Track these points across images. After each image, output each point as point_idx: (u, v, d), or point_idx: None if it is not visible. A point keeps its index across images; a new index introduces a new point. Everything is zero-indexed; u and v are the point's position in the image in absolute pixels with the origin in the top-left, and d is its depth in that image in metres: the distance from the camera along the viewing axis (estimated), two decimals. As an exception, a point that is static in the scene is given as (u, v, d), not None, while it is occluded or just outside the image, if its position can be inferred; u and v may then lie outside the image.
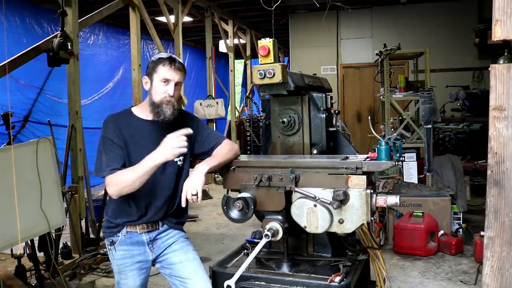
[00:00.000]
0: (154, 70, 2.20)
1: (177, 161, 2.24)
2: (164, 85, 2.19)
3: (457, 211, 5.05)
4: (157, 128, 2.24)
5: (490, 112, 1.38)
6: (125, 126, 2.24)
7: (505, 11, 1.31)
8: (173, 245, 2.30)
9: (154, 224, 2.26)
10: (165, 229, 2.30)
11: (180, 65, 2.22)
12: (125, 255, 2.25)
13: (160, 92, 2.19)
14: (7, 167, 2.97)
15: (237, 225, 5.28)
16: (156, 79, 2.20)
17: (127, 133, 2.22)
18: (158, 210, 2.24)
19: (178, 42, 7.28)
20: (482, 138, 5.90)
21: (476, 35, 7.51)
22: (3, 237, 3.05)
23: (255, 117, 11.13)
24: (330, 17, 9.19)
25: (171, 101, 2.19)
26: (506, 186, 1.36)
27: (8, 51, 4.13)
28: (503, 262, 1.37)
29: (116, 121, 2.25)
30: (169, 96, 2.18)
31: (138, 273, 2.28)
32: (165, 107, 2.18)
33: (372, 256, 2.49)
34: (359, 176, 1.97)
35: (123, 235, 2.24)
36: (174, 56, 2.26)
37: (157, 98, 2.19)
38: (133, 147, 2.20)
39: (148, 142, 2.20)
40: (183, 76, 2.25)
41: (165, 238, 2.30)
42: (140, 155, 2.13)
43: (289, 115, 2.47)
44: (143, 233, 2.24)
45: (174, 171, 2.25)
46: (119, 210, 2.24)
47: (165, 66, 2.19)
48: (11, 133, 4.04)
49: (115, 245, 2.26)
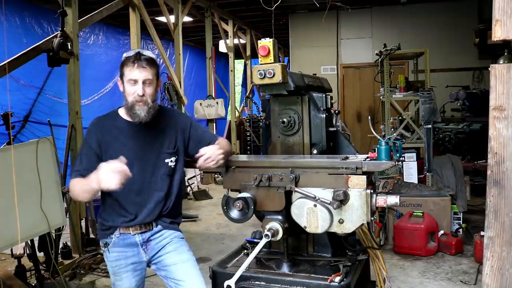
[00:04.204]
0: (122, 72, 2.15)
1: (168, 162, 2.21)
2: (132, 86, 2.11)
3: (457, 211, 5.05)
4: (142, 129, 2.19)
5: (490, 112, 1.38)
6: (109, 129, 2.20)
7: (505, 11, 1.31)
8: (167, 246, 2.26)
9: (148, 225, 2.22)
10: (159, 230, 2.25)
11: (146, 62, 2.10)
12: (119, 257, 2.22)
13: (130, 93, 2.12)
14: (7, 167, 2.97)
15: (237, 225, 5.27)
16: (125, 81, 2.14)
17: (110, 136, 2.18)
18: (151, 212, 2.20)
19: (178, 42, 7.28)
20: (482, 138, 5.89)
21: (476, 35, 7.51)
22: (3, 237, 3.05)
23: (255, 117, 11.13)
24: (330, 17, 9.18)
25: (143, 101, 2.11)
26: (506, 186, 1.36)
27: (8, 51, 4.12)
28: (503, 262, 1.37)
29: (100, 125, 2.22)
30: (138, 96, 2.10)
31: (133, 275, 2.25)
32: (138, 108, 2.11)
33: (372, 256, 2.49)
34: (359, 176, 1.97)
35: (116, 237, 2.21)
36: (141, 51, 2.15)
37: (129, 100, 2.13)
38: (117, 150, 2.13)
39: (134, 145, 2.18)
40: (151, 72, 2.13)
41: (159, 239, 2.25)
42: (126, 157, 2.07)
43: (289, 115, 2.47)
44: (136, 234, 2.20)
45: (166, 172, 2.21)
46: (111, 212, 2.22)
47: (128, 66, 2.11)
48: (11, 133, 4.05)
49: (109, 247, 2.23)
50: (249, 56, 12.02)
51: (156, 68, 2.16)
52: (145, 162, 2.18)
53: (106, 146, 2.16)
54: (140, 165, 2.17)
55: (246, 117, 11.51)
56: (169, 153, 2.23)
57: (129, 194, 2.14)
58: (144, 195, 2.18)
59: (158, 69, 2.19)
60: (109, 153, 2.14)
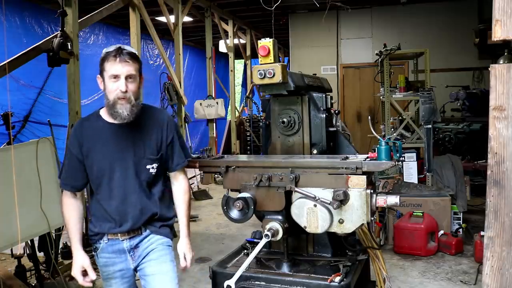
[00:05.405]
0: (103, 67, 2.01)
1: (150, 169, 2.11)
2: (114, 82, 1.98)
3: (457, 211, 5.05)
4: (124, 131, 2.07)
5: (490, 112, 1.38)
6: (90, 132, 2.08)
7: (505, 11, 1.31)
8: (151, 253, 2.16)
9: (136, 230, 2.13)
10: (147, 234, 2.16)
11: (128, 56, 1.99)
12: (107, 263, 2.17)
13: (111, 90, 1.99)
14: (7, 167, 2.97)
15: (237, 225, 5.27)
16: (106, 77, 2.00)
17: (90, 140, 2.07)
18: (137, 219, 2.10)
19: (178, 42, 7.28)
20: (482, 138, 5.89)
21: (476, 35, 7.52)
22: (3, 237, 3.05)
23: (255, 117, 11.13)
24: (330, 17, 9.18)
25: (126, 98, 1.98)
26: (506, 186, 1.36)
27: (8, 51, 4.12)
28: (503, 262, 1.37)
29: (81, 128, 2.11)
30: (121, 92, 1.97)
31: (121, 282, 2.19)
32: (120, 106, 1.98)
33: (372, 256, 2.49)
34: (359, 176, 1.97)
35: (105, 242, 2.14)
36: (123, 46, 2.03)
37: (111, 97, 1.99)
38: (98, 155, 2.06)
39: (115, 148, 2.06)
40: (134, 66, 2.01)
41: (146, 244, 2.16)
42: (105, 163, 2.04)
43: (289, 115, 2.47)
44: (124, 240, 2.12)
45: (146, 179, 2.11)
46: (98, 217, 2.15)
47: (109, 61, 1.98)
48: (11, 133, 4.04)
49: (98, 252, 2.17)
50: (249, 56, 12.02)
51: (138, 64, 2.05)
52: (126, 167, 2.07)
53: (87, 151, 2.07)
54: (121, 170, 2.07)
55: (246, 117, 11.51)
56: (151, 159, 2.11)
57: (111, 200, 2.08)
58: (128, 201, 2.08)
59: (140, 65, 2.08)
60: (90, 157, 2.06)
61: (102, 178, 2.07)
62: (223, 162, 2.29)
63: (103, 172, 2.07)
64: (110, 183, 2.07)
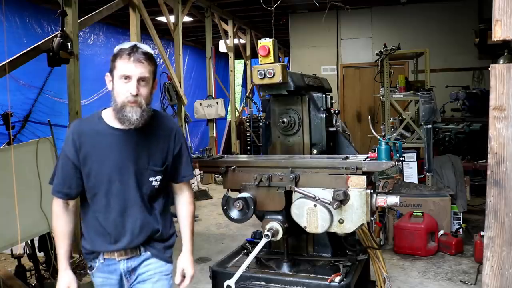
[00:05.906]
0: (114, 65, 1.82)
1: (152, 181, 1.92)
2: (124, 83, 1.79)
3: (457, 211, 5.05)
4: (129, 138, 1.87)
5: (490, 112, 1.38)
6: (89, 137, 1.87)
7: (505, 11, 1.31)
8: (147, 282, 1.98)
9: (134, 249, 1.93)
10: (147, 257, 1.97)
11: (143, 56, 1.80)
12: (104, 282, 1.98)
13: (121, 92, 1.79)
14: (7, 167, 2.97)
15: (237, 225, 5.27)
16: (116, 76, 1.81)
17: (89, 146, 1.86)
18: (136, 235, 1.91)
19: (178, 42, 7.27)
20: (482, 138, 5.89)
21: (476, 35, 7.52)
22: (3, 237, 3.05)
23: (255, 117, 11.13)
24: (330, 17, 9.18)
25: (137, 102, 1.79)
26: (506, 186, 1.36)
27: (8, 51, 4.12)
28: (503, 262, 1.37)
29: (79, 131, 1.89)
30: (131, 96, 1.78)
31: None
32: (130, 110, 1.78)
33: (372, 256, 2.50)
34: (359, 176, 1.97)
35: (100, 262, 1.95)
36: (138, 44, 1.85)
37: (119, 100, 1.80)
38: (97, 163, 1.86)
39: (116, 156, 1.86)
40: (149, 68, 1.82)
41: (144, 269, 1.97)
42: (104, 172, 1.86)
43: (289, 115, 2.47)
44: (121, 260, 1.93)
45: (148, 192, 1.93)
46: (90, 233, 1.95)
47: (122, 59, 1.79)
48: (11, 133, 4.04)
49: (93, 272, 1.98)
50: (249, 56, 12.01)
51: (154, 66, 1.86)
52: (128, 177, 1.88)
53: (84, 158, 1.86)
54: (122, 181, 1.88)
55: (246, 117, 11.51)
56: (155, 171, 1.92)
57: (109, 213, 1.89)
58: (127, 214, 1.89)
59: (156, 68, 1.89)
60: (88, 165, 1.87)
61: (99, 188, 1.89)
62: (223, 162, 2.29)
63: (101, 182, 1.88)
64: (108, 194, 1.89)
